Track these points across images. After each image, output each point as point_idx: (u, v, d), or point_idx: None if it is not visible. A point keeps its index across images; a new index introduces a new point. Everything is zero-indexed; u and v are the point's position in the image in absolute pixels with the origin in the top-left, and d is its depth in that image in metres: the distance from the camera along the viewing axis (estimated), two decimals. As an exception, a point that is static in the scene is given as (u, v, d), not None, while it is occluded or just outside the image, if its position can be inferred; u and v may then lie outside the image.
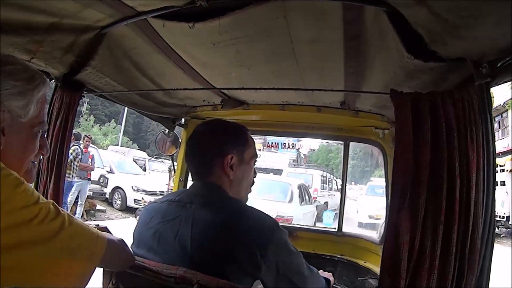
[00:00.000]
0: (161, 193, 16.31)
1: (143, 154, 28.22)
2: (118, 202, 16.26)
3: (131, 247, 1.78)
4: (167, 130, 3.51)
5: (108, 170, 16.96)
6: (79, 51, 2.16)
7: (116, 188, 16.44)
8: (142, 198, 15.47)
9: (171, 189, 14.16)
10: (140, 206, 14.46)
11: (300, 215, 12.92)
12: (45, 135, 1.43)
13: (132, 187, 16.32)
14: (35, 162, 1.42)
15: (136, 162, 22.01)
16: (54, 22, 1.88)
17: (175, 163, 3.64)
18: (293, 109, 3.02)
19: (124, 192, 16.27)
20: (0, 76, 1.21)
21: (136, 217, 11.72)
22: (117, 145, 34.04)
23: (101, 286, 1.78)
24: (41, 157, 1.47)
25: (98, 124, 41.36)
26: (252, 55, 2.15)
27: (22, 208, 1.12)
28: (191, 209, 1.68)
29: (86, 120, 38.57)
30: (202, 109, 3.29)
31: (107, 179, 16.35)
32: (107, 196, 16.36)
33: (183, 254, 1.61)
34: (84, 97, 2.49)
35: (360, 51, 1.93)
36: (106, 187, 16.30)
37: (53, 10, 1.80)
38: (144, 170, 21.96)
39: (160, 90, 2.80)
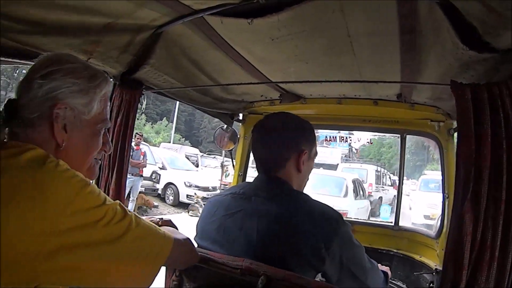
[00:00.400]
0: (214, 188, 16.79)
1: (195, 151, 28.65)
2: (171, 197, 16.64)
3: (194, 239, 1.82)
4: (225, 126, 3.59)
5: (160, 166, 17.37)
6: (136, 50, 2.25)
7: (169, 184, 16.82)
8: (195, 194, 15.72)
9: (224, 184, 14.41)
10: (193, 202, 15.00)
11: (354, 210, 13.05)
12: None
13: (185, 182, 16.61)
14: (98, 159, 1.45)
15: (188, 159, 22.39)
16: (109, 23, 1.96)
17: (234, 158, 3.70)
18: (349, 102, 3.02)
19: (177, 188, 16.60)
20: (60, 75, 1.24)
21: (188, 212, 11.98)
22: (169, 142, 34.83)
23: (164, 278, 1.85)
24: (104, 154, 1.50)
25: (150, 123, 43.02)
26: (310, 49, 2.16)
27: (88, 209, 1.13)
28: (255, 202, 1.72)
29: (137, 119, 39.52)
30: (259, 104, 3.34)
31: (159, 175, 16.73)
32: (159, 192, 16.79)
33: (248, 247, 1.65)
34: (144, 94, 2.58)
35: (416, 43, 1.91)
36: (158, 183, 16.71)
37: (108, 11, 1.88)
38: (197, 166, 22.29)
39: (218, 86, 2.87)
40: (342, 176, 15.61)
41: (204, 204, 14.24)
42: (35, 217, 1.03)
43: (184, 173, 17.77)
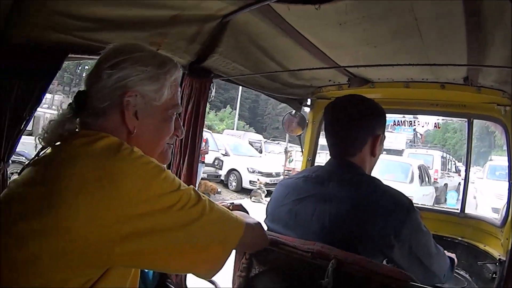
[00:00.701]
0: (277, 174, 16.97)
1: (258, 137, 28.68)
2: (234, 183, 16.91)
3: (264, 221, 1.89)
4: (293, 111, 3.62)
5: (223, 153, 17.65)
6: (204, 39, 2.34)
7: (232, 170, 17.08)
8: (258, 180, 15.85)
9: (288, 170, 14.47)
10: (255, 188, 15.14)
11: (420, 196, 12.77)
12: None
13: (248, 168, 16.82)
14: (171, 144, 1.49)
15: (252, 145, 22.55)
16: (176, 15, 2.05)
17: (302, 144, 3.74)
18: (417, 86, 2.99)
19: (240, 174, 16.88)
20: (129, 63, 1.27)
21: (250, 198, 12.13)
22: (233, 129, 35.27)
23: (234, 261, 1.91)
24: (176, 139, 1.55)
25: (214, 111, 43.99)
26: (378, 33, 2.17)
27: (163, 195, 1.16)
28: (329, 186, 1.74)
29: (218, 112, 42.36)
30: (327, 89, 3.36)
31: (222, 161, 17.02)
32: (222, 178, 17.09)
33: (320, 231, 1.68)
34: (213, 82, 2.68)
35: (481, 25, 1.89)
36: (220, 169, 17.01)
37: (173, 4, 1.97)
38: (260, 152, 22.44)
39: (287, 72, 2.92)
40: (407, 162, 15.39)
41: (266, 190, 14.28)
42: (111, 203, 1.07)
43: (247, 159, 17.91)
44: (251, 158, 18.45)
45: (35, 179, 1.18)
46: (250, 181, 16.36)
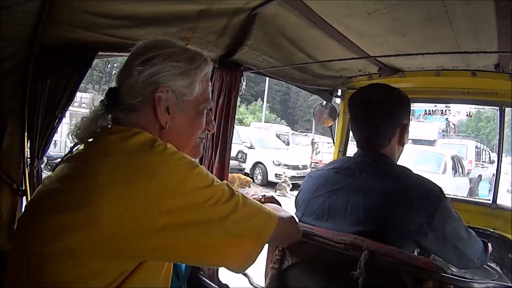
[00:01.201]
0: (304, 167, 16.89)
1: (286, 129, 28.51)
2: (259, 177, 16.93)
3: (295, 214, 1.94)
4: (324, 102, 3.67)
5: (248, 146, 17.69)
6: (233, 33, 2.42)
7: (257, 163, 17.12)
8: (284, 173, 15.86)
9: (315, 162, 14.31)
10: (281, 181, 15.10)
11: (453, 188, 12.56)
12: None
13: (273, 161, 16.86)
14: (202, 138, 1.53)
15: (279, 137, 22.44)
16: (204, 9, 2.13)
17: (334, 135, 3.79)
18: (448, 74, 2.99)
19: (265, 167, 16.94)
20: (160, 59, 1.31)
21: (275, 191, 12.13)
22: (261, 121, 35.36)
23: (267, 253, 1.98)
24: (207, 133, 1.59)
25: (245, 104, 44.66)
26: (407, 22, 2.19)
27: (196, 190, 1.19)
28: (361, 177, 1.78)
29: (251, 105, 43.21)
30: (358, 79, 3.40)
31: (246, 154, 17.11)
32: (246, 171, 17.08)
33: (354, 222, 1.71)
34: (244, 75, 2.76)
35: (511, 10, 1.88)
36: (244, 163, 17.10)
37: None
38: (287, 144, 22.31)
39: (316, 63, 2.97)
40: (440, 152, 15.16)
41: (291, 184, 14.18)
42: (145, 197, 1.12)
43: (273, 151, 17.88)
44: (277, 151, 18.38)
45: (70, 174, 1.24)
46: (276, 174, 16.40)
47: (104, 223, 1.08)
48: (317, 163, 16.83)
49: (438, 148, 17.92)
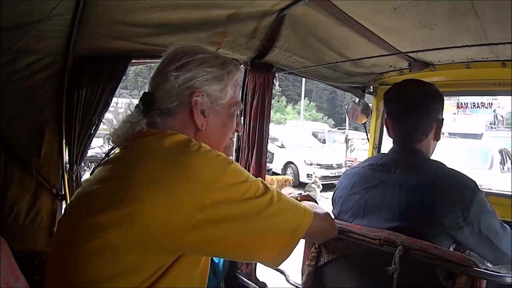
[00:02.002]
0: (338, 166, 16.77)
1: (323, 126, 28.13)
2: (291, 178, 16.38)
3: (332, 212, 2.00)
4: (357, 99, 3.73)
5: (279, 145, 17.60)
6: (263, 35, 2.55)
7: (288, 163, 16.95)
8: (314, 173, 15.61)
9: (349, 160, 14.00)
10: (310, 181, 14.70)
11: (501, 183, 11.96)
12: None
13: (305, 161, 16.64)
14: (232, 139, 1.59)
15: (316, 135, 22.25)
16: (232, 13, 2.26)
17: (368, 131, 3.85)
18: (478, 66, 2.99)
19: (296, 167, 16.74)
20: (194, 65, 1.40)
21: (304, 193, 12.11)
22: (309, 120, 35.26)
23: (303, 250, 2.04)
24: (238, 134, 1.71)
25: (291, 104, 45.05)
26: (433, 15, 2.24)
27: (232, 185, 1.25)
28: (396, 173, 1.83)
29: (278, 101, 43.00)
30: (389, 75, 3.45)
31: (272, 154, 16.85)
32: (273, 171, 16.85)
33: (389, 218, 1.77)
34: (276, 76, 2.89)
35: None
36: (271, 163, 16.82)
37: (229, 3, 2.17)
38: (323, 142, 21.95)
39: (347, 61, 3.05)
40: (486, 145, 14.39)
41: (321, 185, 13.89)
42: (183, 194, 1.18)
43: (305, 150, 17.66)
44: (311, 149, 18.13)
45: (109, 176, 1.33)
46: (307, 175, 16.15)
47: (143, 218, 1.16)
48: (352, 161, 16.12)
49: (484, 141, 17.20)
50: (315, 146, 19.42)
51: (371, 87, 3.69)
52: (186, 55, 1.44)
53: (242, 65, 2.78)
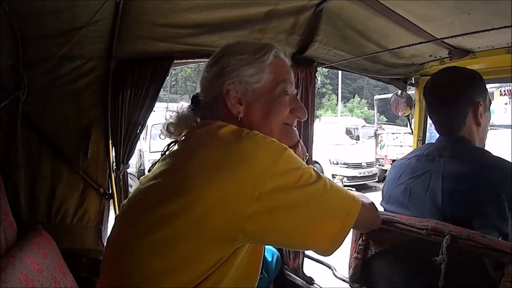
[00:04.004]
0: (369, 165, 16.23)
1: (358, 122, 27.13)
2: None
3: (380, 204, 2.06)
4: (399, 92, 3.74)
5: (305, 143, 17.10)
6: (302, 30, 2.63)
7: (313, 163, 15.98)
8: (338, 174, 15.29)
9: (380, 158, 13.96)
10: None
11: None
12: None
13: (330, 160, 16.15)
14: (291, 125, 1.60)
15: (351, 131, 21.76)
16: (270, 10, 2.35)
17: (411, 124, 3.84)
18: None
19: (321, 167, 15.83)
20: (225, 58, 1.47)
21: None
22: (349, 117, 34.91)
23: (350, 243, 2.09)
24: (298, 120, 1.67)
25: (343, 102, 44.42)
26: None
27: (286, 172, 1.26)
28: (440, 162, 1.85)
29: (329, 100, 43.64)
30: (430, 65, 3.44)
31: (297, 153, 16.29)
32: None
33: (433, 208, 1.79)
34: (317, 70, 2.96)
35: None
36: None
37: (265, 1, 2.25)
38: (357, 139, 21.32)
39: (387, 52, 3.08)
40: None
41: (347, 186, 13.65)
42: (239, 182, 1.20)
43: (333, 148, 17.09)
44: (339, 147, 17.57)
45: (166, 170, 1.36)
46: (332, 175, 15.37)
47: (200, 209, 1.18)
48: (382, 159, 16.00)
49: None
50: (345, 144, 19.11)
51: (413, 78, 3.69)
52: (219, 52, 1.52)
53: None
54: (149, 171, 1.52)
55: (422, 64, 3.48)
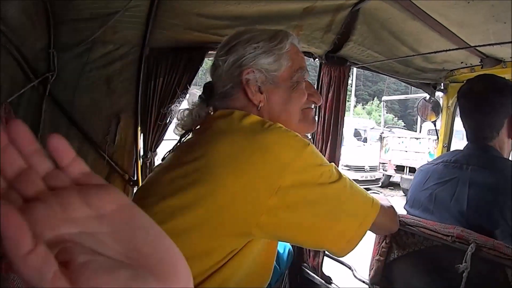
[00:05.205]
0: (372, 168, 16.10)
1: (367, 123, 26.35)
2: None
3: (404, 207, 2.09)
4: (427, 97, 3.75)
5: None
6: (338, 29, 2.67)
7: None
8: None
9: (383, 163, 13.73)
10: None
11: None
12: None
13: None
14: (310, 108, 1.62)
15: (360, 133, 21.18)
16: (308, 7, 2.39)
17: (437, 130, 3.87)
18: None
19: None
20: (240, 45, 1.47)
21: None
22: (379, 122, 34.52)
23: (373, 245, 2.11)
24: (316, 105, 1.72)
25: (361, 104, 45.18)
26: (507, 8, 2.22)
27: (307, 168, 1.28)
28: (467, 170, 1.87)
29: (348, 101, 42.29)
30: (460, 71, 3.46)
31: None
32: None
33: (458, 215, 1.81)
34: (351, 70, 3.01)
35: None
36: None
37: None
38: (365, 141, 20.57)
39: (419, 56, 3.11)
40: None
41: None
42: (259, 174, 1.22)
43: None
44: (343, 148, 14.88)
45: (183, 159, 1.36)
46: None
47: (217, 199, 1.20)
48: (385, 163, 15.27)
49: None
50: (350, 145, 18.17)
51: (442, 84, 3.71)
52: (232, 39, 1.52)
53: (316, 59, 2.92)
54: (162, 159, 1.56)
55: (452, 71, 3.50)
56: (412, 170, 13.57)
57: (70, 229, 0.46)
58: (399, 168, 14.43)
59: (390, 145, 15.26)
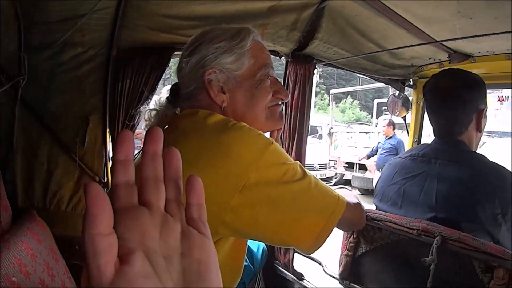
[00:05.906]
0: (322, 167, 15.55)
1: (322, 119, 24.77)
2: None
3: (373, 201, 2.09)
4: (397, 93, 3.77)
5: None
6: (303, 27, 2.65)
7: None
8: None
9: (332, 160, 13.54)
10: None
11: None
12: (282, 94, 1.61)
13: None
14: (277, 104, 1.59)
15: (317, 130, 20.09)
16: (273, 5, 2.37)
17: (407, 125, 3.89)
18: None
19: None
20: (203, 46, 1.46)
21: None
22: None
23: (342, 240, 2.12)
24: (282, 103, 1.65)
25: (335, 102, 44.51)
26: (471, 3, 2.23)
27: (271, 166, 1.27)
28: (436, 164, 1.87)
29: (321, 100, 43.71)
30: (428, 67, 3.46)
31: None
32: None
33: (426, 209, 1.81)
34: (316, 68, 2.98)
35: None
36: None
37: None
38: (320, 138, 19.35)
39: (387, 52, 3.11)
40: None
41: None
42: (224, 173, 1.22)
43: None
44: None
45: None
46: None
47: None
48: (335, 161, 14.76)
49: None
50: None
51: (411, 80, 3.72)
52: (196, 39, 1.51)
53: (282, 57, 2.91)
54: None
55: (421, 67, 3.51)
56: (362, 167, 13.41)
57: (154, 245, 0.51)
58: (350, 166, 14.13)
59: (339, 141, 15.01)
